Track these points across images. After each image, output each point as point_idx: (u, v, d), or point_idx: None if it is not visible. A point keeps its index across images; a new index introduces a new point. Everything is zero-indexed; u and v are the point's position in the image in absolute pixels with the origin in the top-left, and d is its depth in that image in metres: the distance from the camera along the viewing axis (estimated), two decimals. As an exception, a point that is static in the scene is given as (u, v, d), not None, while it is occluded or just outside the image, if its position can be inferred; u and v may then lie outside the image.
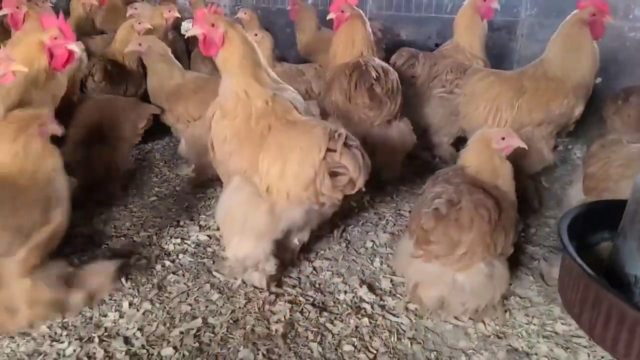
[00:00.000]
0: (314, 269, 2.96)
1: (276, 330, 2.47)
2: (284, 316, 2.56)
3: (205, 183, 3.81)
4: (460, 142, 4.02)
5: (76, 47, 2.99)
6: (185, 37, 3.38)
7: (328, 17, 3.78)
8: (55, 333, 2.40)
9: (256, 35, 4.14)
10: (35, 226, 2.29)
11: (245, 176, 2.56)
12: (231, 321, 2.52)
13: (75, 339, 2.37)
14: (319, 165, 2.36)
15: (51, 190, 2.38)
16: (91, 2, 4.97)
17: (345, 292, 2.77)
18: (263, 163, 2.48)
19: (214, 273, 2.87)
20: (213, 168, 2.91)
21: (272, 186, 2.47)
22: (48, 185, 2.37)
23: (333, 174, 2.42)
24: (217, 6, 2.72)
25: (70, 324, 2.46)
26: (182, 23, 5.91)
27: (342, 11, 3.72)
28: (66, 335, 2.40)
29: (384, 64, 3.66)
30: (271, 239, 2.62)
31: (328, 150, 2.36)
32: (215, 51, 2.61)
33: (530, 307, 2.65)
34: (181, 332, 2.44)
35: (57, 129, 2.45)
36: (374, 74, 3.49)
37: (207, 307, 2.62)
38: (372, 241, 3.23)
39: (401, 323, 2.54)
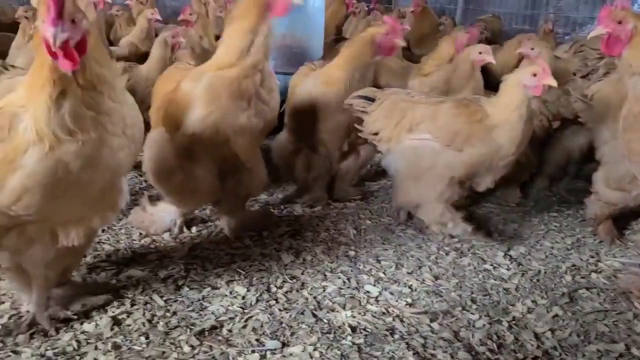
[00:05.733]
0: None
1: None
2: None
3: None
4: None
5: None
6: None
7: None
8: (466, 303, 2.43)
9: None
10: None
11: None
12: (666, 363, 2.09)
13: (485, 316, 2.34)
14: None
15: None
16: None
17: None
18: None
19: (636, 304, 2.47)
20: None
21: None
22: None
23: None
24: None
25: (479, 301, 2.45)
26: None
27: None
28: (475, 308, 2.39)
29: None
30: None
31: None
32: (619, 50, 2.39)
33: None
34: (599, 351, 2.14)
35: None
36: None
37: (628, 335, 2.25)
38: None
39: None
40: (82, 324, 2.11)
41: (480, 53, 3.67)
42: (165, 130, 2.63)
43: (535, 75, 2.64)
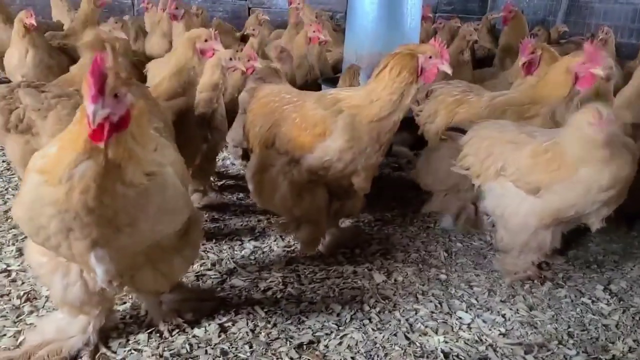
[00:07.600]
0: None
1: None
2: None
3: None
4: None
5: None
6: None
7: None
8: (563, 337, 2.39)
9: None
10: None
11: None
12: None
13: (583, 352, 2.29)
14: None
15: None
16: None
17: None
18: None
19: None
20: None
21: None
22: None
23: None
24: None
25: (576, 336, 2.40)
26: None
27: None
28: (572, 344, 2.35)
29: None
30: None
31: None
32: None
33: None
34: None
35: None
36: None
37: None
38: None
39: None
40: (192, 328, 2.30)
41: None
42: (282, 149, 2.78)
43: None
